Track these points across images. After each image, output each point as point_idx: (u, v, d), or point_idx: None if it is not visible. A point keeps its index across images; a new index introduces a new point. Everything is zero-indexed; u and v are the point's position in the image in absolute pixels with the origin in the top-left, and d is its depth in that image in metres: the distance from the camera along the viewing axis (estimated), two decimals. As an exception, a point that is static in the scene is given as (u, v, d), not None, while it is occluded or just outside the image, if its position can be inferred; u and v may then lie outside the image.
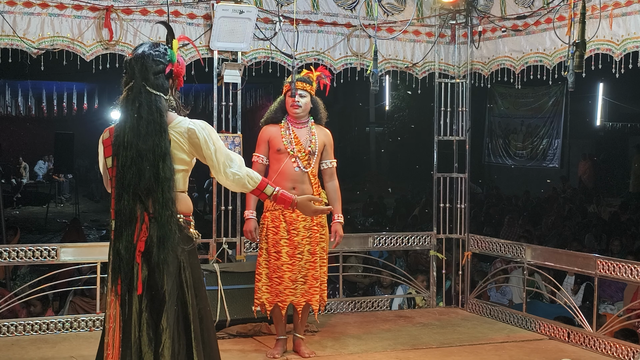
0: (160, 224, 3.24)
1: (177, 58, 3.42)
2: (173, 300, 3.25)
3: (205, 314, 3.41)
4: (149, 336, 3.22)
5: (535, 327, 6.19)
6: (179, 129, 3.34)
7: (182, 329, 3.27)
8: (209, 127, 3.41)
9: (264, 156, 5.26)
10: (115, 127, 3.37)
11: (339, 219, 5.31)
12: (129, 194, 3.25)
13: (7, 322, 5.76)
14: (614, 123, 20.58)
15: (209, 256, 6.20)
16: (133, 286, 3.24)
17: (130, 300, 3.25)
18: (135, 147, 3.25)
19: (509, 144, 19.76)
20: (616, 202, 14.89)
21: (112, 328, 3.27)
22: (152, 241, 3.24)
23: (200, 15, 6.11)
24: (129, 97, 3.32)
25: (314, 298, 5.17)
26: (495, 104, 19.79)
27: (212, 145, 3.36)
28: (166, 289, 3.24)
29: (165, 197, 3.25)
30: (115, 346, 3.25)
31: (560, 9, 5.83)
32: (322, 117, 5.35)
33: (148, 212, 3.26)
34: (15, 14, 5.60)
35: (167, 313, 3.22)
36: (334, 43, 6.54)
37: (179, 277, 3.30)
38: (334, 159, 5.36)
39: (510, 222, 12.35)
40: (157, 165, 3.25)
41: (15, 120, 20.81)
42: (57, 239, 12.11)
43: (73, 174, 18.57)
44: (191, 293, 3.32)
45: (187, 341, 3.27)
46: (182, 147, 3.34)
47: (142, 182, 3.24)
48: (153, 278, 3.24)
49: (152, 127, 3.27)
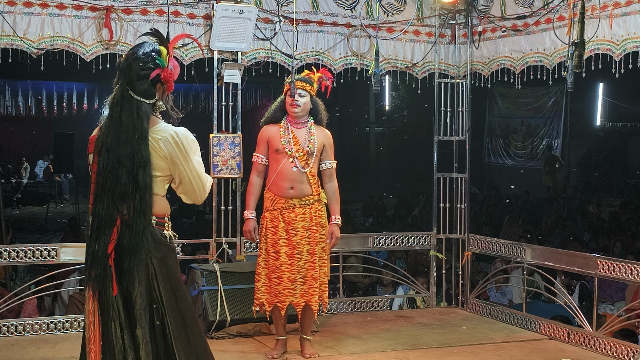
0: (134, 231, 3.23)
1: (170, 63, 3.38)
2: (144, 303, 3.26)
3: (187, 312, 3.40)
4: (128, 336, 3.24)
5: (535, 327, 6.19)
6: (157, 135, 3.32)
7: (159, 331, 3.28)
8: (190, 138, 3.37)
9: (263, 156, 5.26)
10: (100, 127, 3.38)
11: (336, 220, 5.29)
12: (108, 197, 3.25)
13: (7, 322, 5.76)
14: (614, 123, 20.59)
15: (209, 256, 6.20)
16: (106, 285, 3.24)
17: (106, 297, 3.26)
18: (114, 151, 3.26)
19: (509, 144, 19.78)
20: (616, 202, 14.88)
21: (92, 322, 3.29)
22: (122, 247, 3.24)
23: (200, 15, 6.11)
24: (114, 100, 3.33)
25: (313, 298, 5.17)
26: (495, 104, 19.80)
27: (186, 158, 3.33)
28: (137, 294, 3.25)
29: (143, 205, 3.24)
30: (96, 340, 3.27)
31: (560, 9, 5.83)
32: (322, 118, 5.34)
33: (121, 217, 3.25)
34: (15, 14, 5.60)
35: (139, 314, 3.24)
36: (334, 43, 6.54)
37: (149, 284, 3.28)
38: (334, 160, 5.34)
39: (510, 222, 12.34)
40: (137, 172, 3.23)
41: (15, 120, 20.81)
42: (57, 239, 12.11)
43: (73, 174, 18.56)
44: (166, 295, 3.30)
45: (166, 341, 3.28)
46: (157, 152, 3.31)
47: (117, 187, 3.24)
48: (122, 282, 3.25)
49: (131, 133, 3.25)
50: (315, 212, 5.19)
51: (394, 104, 22.54)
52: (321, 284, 5.23)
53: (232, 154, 6.15)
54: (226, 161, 6.14)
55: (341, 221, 5.34)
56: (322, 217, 5.23)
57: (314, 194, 5.19)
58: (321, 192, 5.27)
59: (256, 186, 5.26)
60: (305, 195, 5.17)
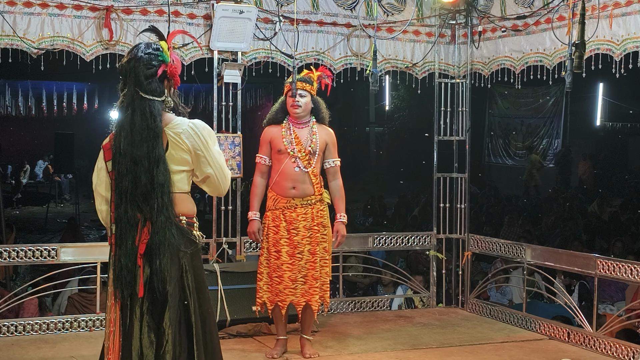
0: (156, 229, 3.24)
1: (171, 57, 3.38)
2: (175, 302, 3.25)
3: (208, 316, 3.41)
4: (149, 338, 3.21)
5: (535, 327, 6.19)
6: (176, 129, 3.32)
7: (184, 331, 3.27)
8: (208, 128, 3.38)
9: (266, 157, 5.26)
10: (114, 133, 3.37)
11: (341, 218, 5.30)
12: (126, 201, 3.26)
13: (7, 322, 5.76)
14: (614, 123, 20.60)
15: (209, 256, 6.20)
16: (134, 291, 3.23)
17: (132, 304, 3.25)
18: (129, 154, 3.26)
19: (509, 144, 19.78)
20: (616, 202, 14.88)
21: (112, 332, 3.27)
22: (154, 245, 3.24)
23: (200, 15, 6.11)
24: (123, 104, 3.33)
25: (314, 298, 5.16)
26: (495, 104, 19.80)
27: (208, 149, 3.34)
28: (168, 291, 3.23)
29: (160, 202, 3.24)
30: (115, 350, 3.25)
31: (560, 9, 5.83)
32: (324, 117, 5.34)
33: (147, 217, 3.25)
34: (15, 14, 5.60)
35: (169, 313, 3.22)
36: (334, 43, 6.54)
37: (181, 280, 3.29)
38: (338, 158, 5.33)
39: (510, 222, 12.33)
40: (152, 170, 3.24)
41: (15, 120, 20.81)
42: (57, 239, 12.11)
43: (73, 174, 18.56)
44: (194, 296, 3.31)
45: (189, 344, 3.27)
46: (180, 146, 3.32)
47: (138, 188, 3.24)
48: (153, 281, 3.23)
49: (145, 133, 3.26)
50: (317, 212, 5.19)
51: (394, 104, 22.53)
52: (322, 284, 5.22)
53: (232, 154, 6.16)
54: (226, 161, 6.12)
55: (347, 219, 5.34)
56: (324, 218, 5.23)
57: (316, 194, 5.19)
58: (324, 192, 5.27)
59: (260, 187, 5.27)
60: (307, 195, 5.17)
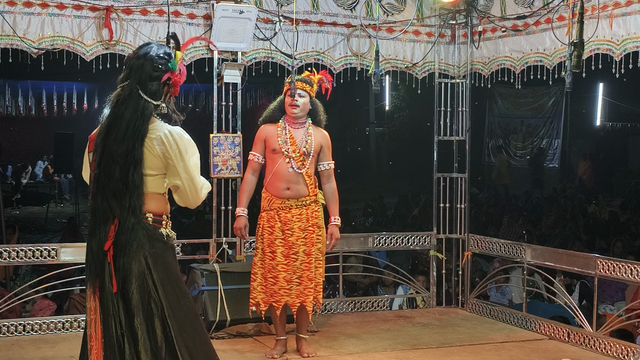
0: (123, 229, 3.24)
1: (179, 67, 3.39)
2: (139, 299, 3.26)
3: (189, 309, 3.39)
4: (126, 333, 3.25)
5: (535, 327, 6.19)
6: (152, 134, 3.31)
7: (159, 325, 3.27)
8: (186, 139, 3.34)
9: (260, 155, 5.26)
10: (100, 125, 3.38)
11: (335, 221, 5.28)
12: (102, 194, 3.27)
13: (7, 322, 5.76)
14: (614, 123, 20.59)
15: (209, 256, 6.20)
16: (105, 282, 3.26)
17: (107, 295, 3.27)
18: (109, 148, 3.27)
19: (509, 144, 19.77)
20: (616, 202, 14.88)
21: (93, 320, 3.30)
22: (119, 244, 3.25)
23: (200, 15, 6.11)
24: (119, 98, 3.32)
25: (308, 299, 5.16)
26: (495, 104, 19.80)
27: (180, 159, 3.30)
28: (133, 290, 3.25)
29: (133, 204, 3.24)
30: (97, 338, 3.28)
31: (560, 9, 5.84)
32: (321, 119, 5.33)
33: (116, 215, 3.26)
34: (15, 14, 5.60)
35: (136, 311, 3.25)
36: (334, 43, 6.54)
37: (144, 279, 3.28)
38: (332, 161, 5.33)
39: (510, 222, 12.33)
40: (128, 170, 3.24)
41: (15, 120, 20.80)
42: (57, 239, 12.11)
43: (73, 174, 18.56)
44: (165, 291, 3.30)
45: (167, 337, 3.27)
46: (151, 151, 3.30)
47: (110, 183, 3.25)
48: (119, 280, 3.26)
49: (130, 131, 3.25)
50: (312, 213, 5.19)
51: (394, 104, 22.53)
52: (316, 285, 5.22)
53: (232, 154, 6.16)
54: (226, 161, 6.14)
55: (340, 222, 5.34)
56: (318, 218, 5.23)
57: (311, 194, 5.19)
58: (318, 193, 5.27)
59: (250, 184, 5.26)
60: (302, 196, 5.17)
